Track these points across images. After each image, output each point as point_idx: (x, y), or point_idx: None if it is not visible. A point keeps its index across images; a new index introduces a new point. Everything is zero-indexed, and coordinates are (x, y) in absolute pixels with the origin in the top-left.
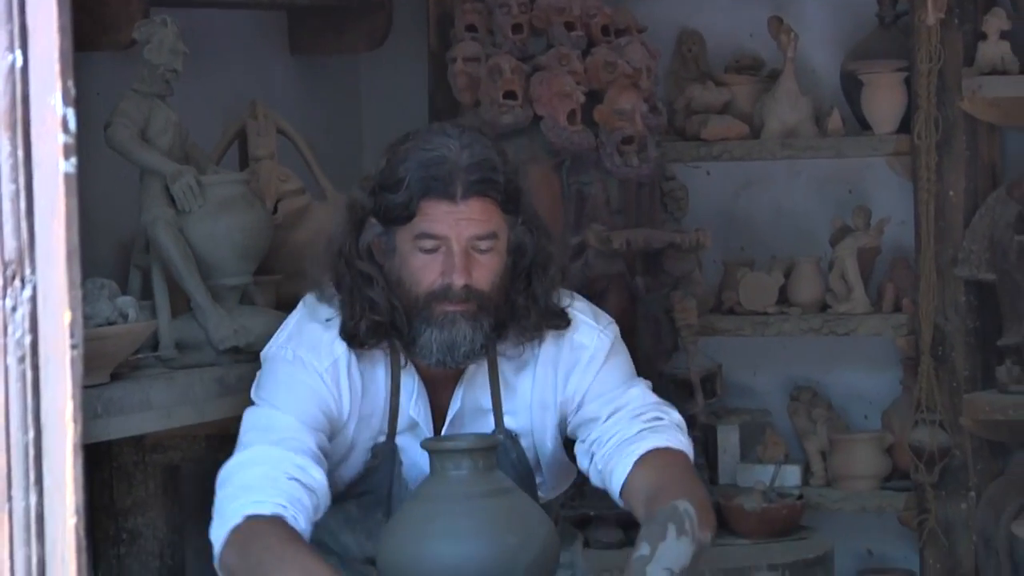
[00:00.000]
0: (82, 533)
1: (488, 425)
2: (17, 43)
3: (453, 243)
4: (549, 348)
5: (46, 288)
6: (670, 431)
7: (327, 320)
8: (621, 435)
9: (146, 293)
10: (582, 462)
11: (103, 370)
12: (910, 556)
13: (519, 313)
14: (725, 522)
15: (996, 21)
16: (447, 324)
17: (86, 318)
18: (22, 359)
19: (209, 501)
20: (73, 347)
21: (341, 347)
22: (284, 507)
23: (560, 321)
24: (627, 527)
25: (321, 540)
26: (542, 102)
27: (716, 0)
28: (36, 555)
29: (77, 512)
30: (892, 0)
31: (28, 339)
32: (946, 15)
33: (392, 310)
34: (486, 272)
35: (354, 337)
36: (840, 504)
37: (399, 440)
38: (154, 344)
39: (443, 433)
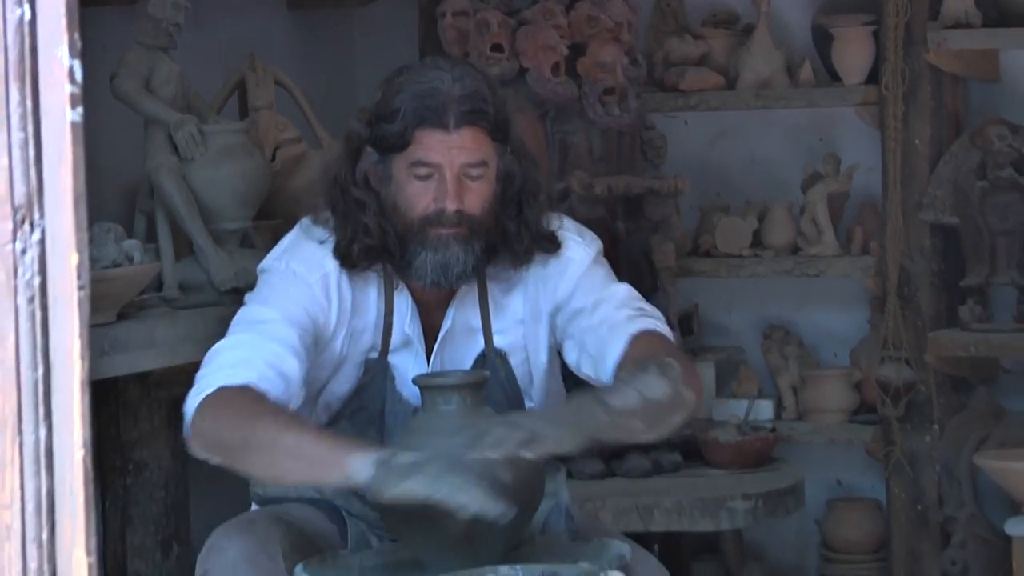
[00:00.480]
0: (89, 465)
1: (478, 344)
2: None
3: (446, 170)
4: (537, 267)
5: (54, 232)
6: (656, 319)
7: (321, 242)
8: (611, 321)
9: (150, 237)
10: (570, 356)
11: (110, 310)
12: (877, 486)
13: (511, 238)
14: (701, 454)
15: None
16: (440, 247)
17: (93, 260)
18: (31, 299)
19: None
20: (80, 288)
21: (332, 263)
22: (256, 382)
23: (550, 245)
24: (608, 459)
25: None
26: (527, 55)
27: None
28: (46, 486)
29: (84, 445)
30: None
31: (37, 280)
32: None
33: (384, 235)
34: (477, 198)
35: (347, 258)
36: (810, 437)
37: (392, 358)
38: (158, 285)
39: (435, 351)
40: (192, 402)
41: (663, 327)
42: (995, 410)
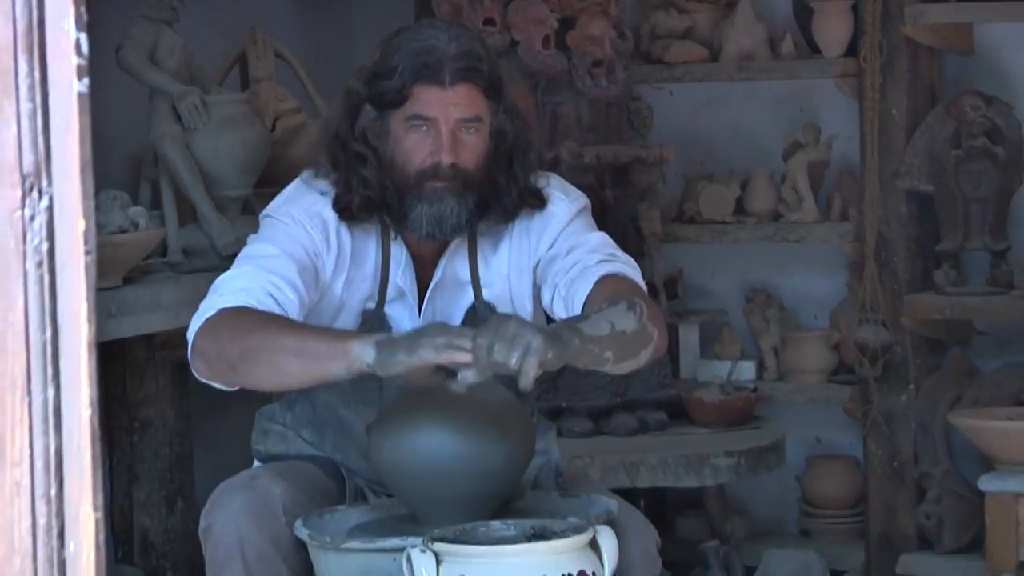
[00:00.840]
0: (96, 424)
1: (467, 297)
2: None
3: (441, 125)
4: (523, 221)
5: (61, 199)
6: (626, 265)
7: (322, 193)
8: (583, 263)
9: (155, 203)
10: (545, 298)
11: (116, 274)
12: (855, 443)
13: (501, 192)
14: (685, 413)
15: None
16: (436, 199)
17: (99, 227)
18: (40, 264)
19: (215, 396)
20: (87, 253)
21: (332, 214)
22: (254, 305)
23: (537, 201)
24: (597, 418)
25: (327, 414)
26: (519, 28)
27: None
28: (54, 445)
29: (91, 405)
30: None
31: (45, 246)
32: None
33: (383, 188)
34: (471, 152)
35: (346, 210)
36: (791, 396)
37: (388, 309)
38: (163, 250)
39: (425, 303)
40: (194, 326)
41: (633, 272)
42: (969, 370)
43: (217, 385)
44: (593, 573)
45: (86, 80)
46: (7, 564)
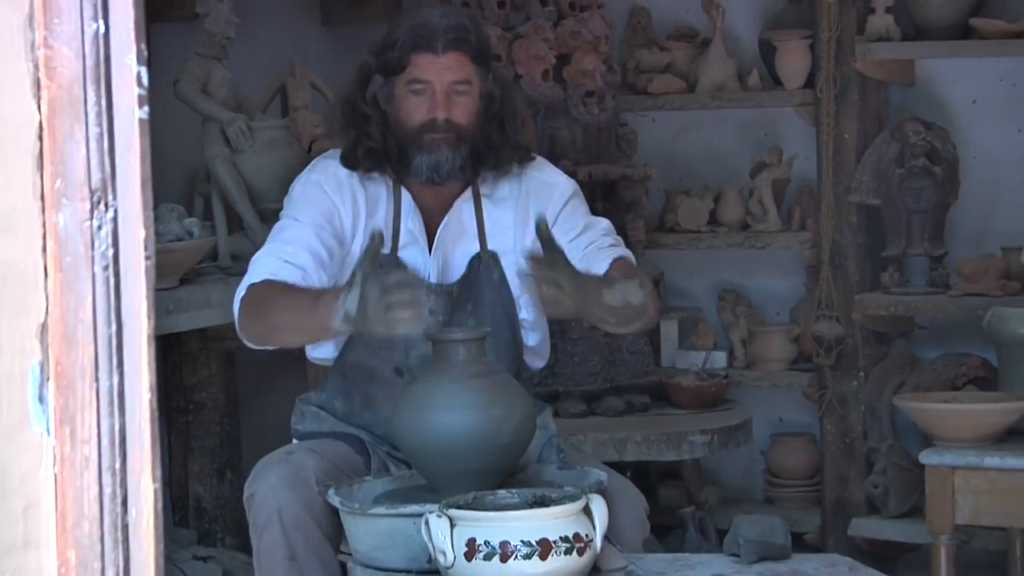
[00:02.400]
0: (155, 406)
1: (472, 245)
2: (100, 14)
3: (436, 86)
4: (524, 185)
5: (125, 211)
6: (628, 252)
7: (336, 160)
8: (598, 244)
9: (207, 215)
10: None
11: (173, 276)
12: (812, 423)
13: (495, 147)
14: (666, 396)
15: None
16: (433, 149)
17: (158, 235)
18: (106, 268)
19: (259, 382)
20: (147, 258)
21: (345, 171)
22: (271, 276)
23: (526, 156)
24: (589, 400)
25: (356, 373)
26: (522, 63)
27: None
28: (118, 424)
29: (151, 389)
30: None
31: (111, 252)
32: None
33: (385, 140)
34: (462, 110)
35: (353, 160)
36: (757, 382)
37: (401, 253)
38: (214, 255)
39: (434, 247)
40: (235, 305)
41: (631, 258)
42: (911, 359)
43: (267, 347)
44: (586, 535)
45: (146, 108)
46: (77, 528)
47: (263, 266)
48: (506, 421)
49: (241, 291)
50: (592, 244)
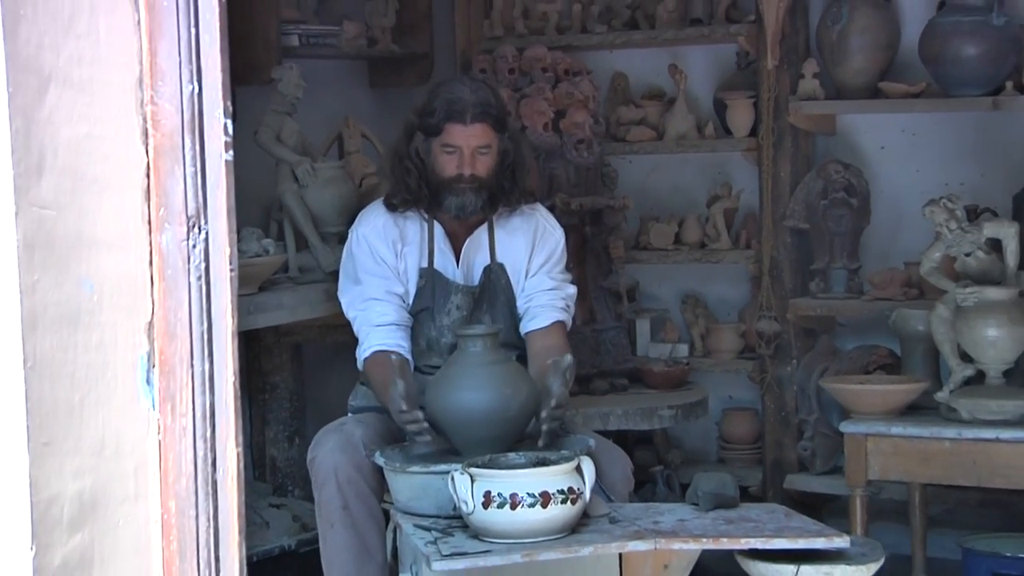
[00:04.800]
0: (237, 387)
1: (486, 258)
2: (195, 77)
3: (464, 149)
4: (529, 223)
5: (214, 233)
6: (569, 314)
7: (383, 202)
8: (552, 302)
9: (280, 236)
10: (520, 289)
11: (253, 284)
12: (755, 400)
13: (507, 191)
14: (640, 379)
15: (810, 66)
16: (460, 194)
17: (240, 252)
18: (199, 278)
19: (319, 368)
20: (231, 271)
21: (384, 217)
22: (380, 347)
23: (530, 198)
24: (581, 382)
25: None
26: (527, 117)
27: (635, 52)
28: (208, 402)
29: (234, 374)
30: (746, 52)
31: (203, 265)
32: (779, 62)
33: (419, 190)
34: (484, 166)
35: (392, 206)
36: (712, 368)
37: (436, 264)
38: (285, 268)
39: (461, 258)
40: (361, 357)
41: (568, 319)
42: (833, 350)
43: None
44: (578, 488)
45: (231, 152)
46: (177, 483)
47: (372, 334)
48: (514, 399)
49: (365, 354)
50: (551, 298)
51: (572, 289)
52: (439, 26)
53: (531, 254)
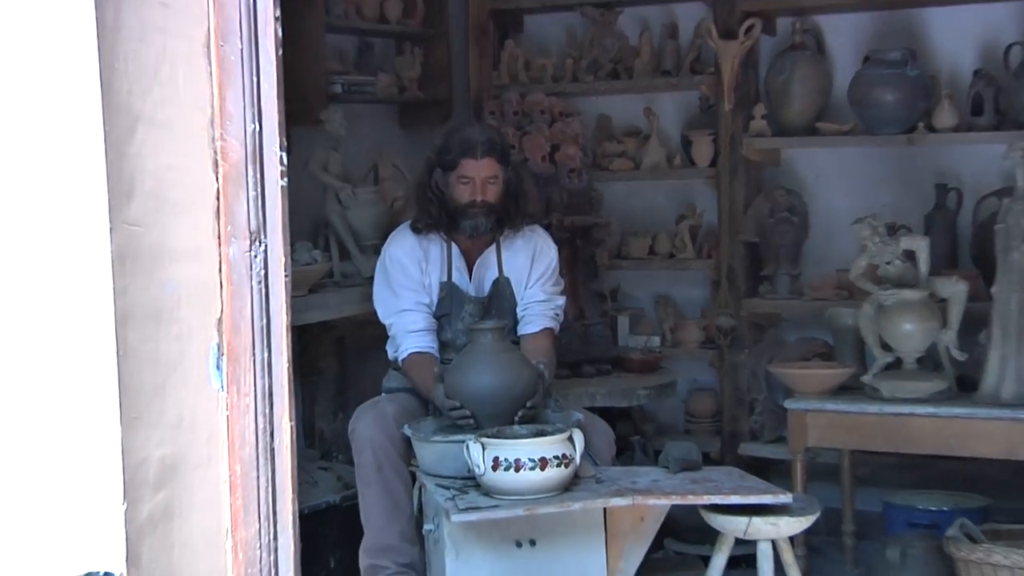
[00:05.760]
0: (290, 372)
1: (494, 272)
2: (256, 118)
3: (476, 180)
4: (529, 243)
5: (272, 245)
6: (557, 322)
7: (409, 225)
8: (544, 311)
9: (326, 248)
10: (520, 297)
11: (303, 288)
12: (715, 382)
13: (511, 215)
14: (621, 365)
15: (759, 109)
16: (474, 218)
17: (293, 261)
18: (260, 282)
19: (358, 356)
20: (285, 276)
21: (411, 238)
22: (415, 349)
23: (531, 220)
24: (572, 367)
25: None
26: (528, 151)
27: (616, 98)
28: (267, 384)
29: (288, 361)
30: (707, 98)
31: (263, 272)
32: (734, 106)
33: (440, 216)
34: (492, 194)
35: (417, 229)
36: (680, 356)
37: (453, 279)
38: (330, 274)
39: (473, 274)
40: (401, 354)
41: (556, 326)
42: (779, 341)
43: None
44: (570, 454)
45: (285, 179)
46: (241, 451)
47: (405, 333)
48: (517, 382)
49: (403, 354)
50: (543, 308)
51: (561, 300)
52: (456, 76)
53: (530, 269)
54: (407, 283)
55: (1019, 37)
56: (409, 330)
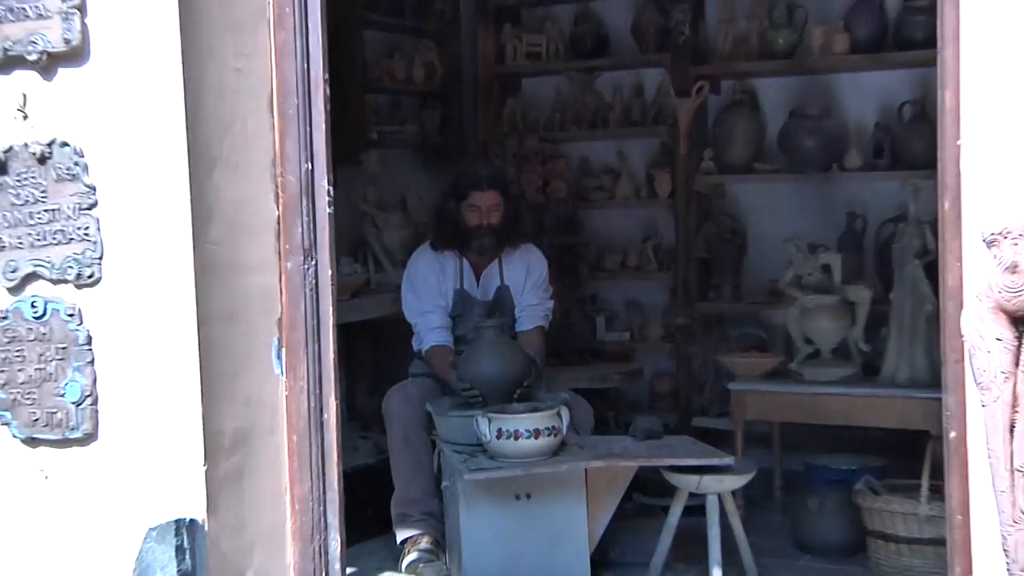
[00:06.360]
0: (336, 360)
1: (497, 281)
2: (308, 159)
3: (482, 207)
4: (525, 258)
5: (321, 260)
6: (547, 320)
7: (429, 244)
8: (535, 311)
9: (365, 262)
10: (517, 300)
11: (346, 293)
12: (674, 369)
13: (510, 236)
14: (599, 355)
15: (708, 153)
16: (480, 238)
17: (339, 273)
18: (311, 290)
19: (393, 346)
20: (332, 284)
21: (431, 255)
22: (436, 342)
23: (527, 240)
24: (560, 356)
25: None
26: (525, 185)
27: (595, 143)
28: (318, 370)
29: (334, 352)
30: (667, 143)
31: (314, 281)
32: (688, 150)
33: (453, 237)
34: (496, 219)
35: (436, 246)
36: (646, 348)
37: (464, 287)
38: (368, 283)
39: (480, 283)
40: (424, 348)
41: (546, 323)
42: (725, 335)
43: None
44: (558, 427)
45: (332, 208)
46: (297, 423)
47: (428, 329)
48: (515, 368)
49: (426, 347)
50: (535, 310)
51: (550, 303)
52: (467, 126)
53: (526, 278)
54: (428, 290)
55: (910, 97)
56: (430, 327)
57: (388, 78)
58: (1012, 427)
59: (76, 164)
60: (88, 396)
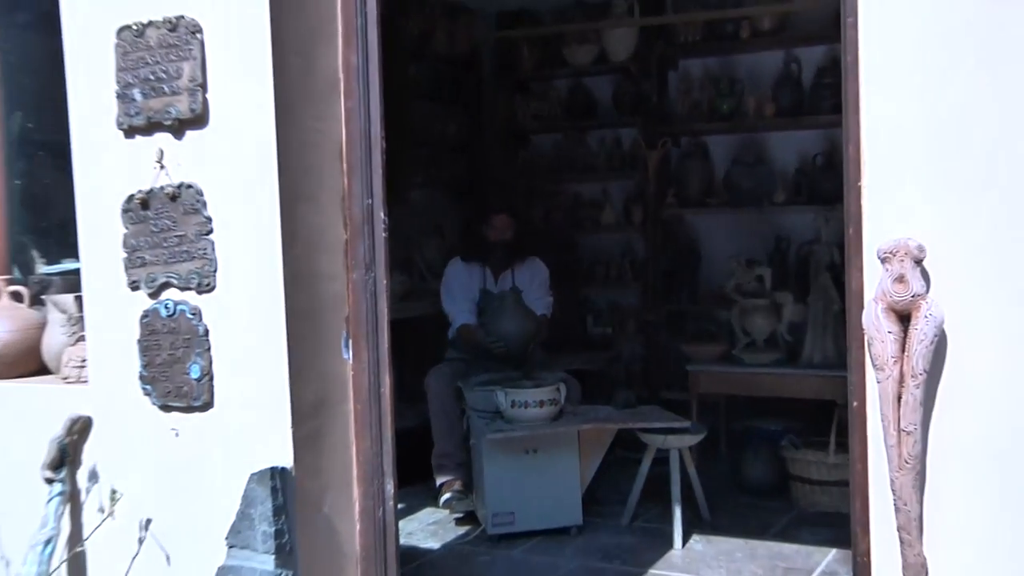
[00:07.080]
0: (389, 347)
1: (509, 284)
2: (369, 194)
3: (500, 228)
4: (531, 267)
5: (379, 272)
6: (548, 309)
7: (460, 257)
8: (539, 304)
9: (411, 274)
10: (525, 296)
11: (397, 297)
12: (645, 354)
13: (520, 251)
14: (587, 344)
15: (671, 190)
16: (499, 251)
17: (393, 281)
18: (371, 294)
19: (432, 338)
20: (386, 289)
21: (462, 264)
22: (465, 320)
23: (533, 254)
24: (557, 343)
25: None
26: (533, 214)
27: (585, 184)
28: (376, 355)
29: (388, 340)
30: (639, 184)
31: (372, 288)
32: (655, 188)
33: (478, 249)
34: (509, 236)
35: (467, 259)
36: (624, 339)
37: (487, 287)
38: (413, 289)
39: (497, 286)
40: (456, 324)
41: (548, 312)
42: (684, 328)
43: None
44: (558, 398)
45: (387, 232)
46: (360, 395)
47: (460, 313)
48: (529, 324)
49: (457, 323)
50: (539, 301)
51: (550, 299)
52: (488, 171)
53: (532, 280)
54: (460, 289)
55: (821, 150)
56: (461, 311)
57: (428, 136)
58: (899, 398)
59: (198, 201)
60: (206, 375)
